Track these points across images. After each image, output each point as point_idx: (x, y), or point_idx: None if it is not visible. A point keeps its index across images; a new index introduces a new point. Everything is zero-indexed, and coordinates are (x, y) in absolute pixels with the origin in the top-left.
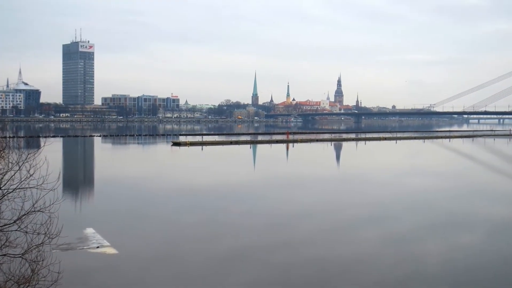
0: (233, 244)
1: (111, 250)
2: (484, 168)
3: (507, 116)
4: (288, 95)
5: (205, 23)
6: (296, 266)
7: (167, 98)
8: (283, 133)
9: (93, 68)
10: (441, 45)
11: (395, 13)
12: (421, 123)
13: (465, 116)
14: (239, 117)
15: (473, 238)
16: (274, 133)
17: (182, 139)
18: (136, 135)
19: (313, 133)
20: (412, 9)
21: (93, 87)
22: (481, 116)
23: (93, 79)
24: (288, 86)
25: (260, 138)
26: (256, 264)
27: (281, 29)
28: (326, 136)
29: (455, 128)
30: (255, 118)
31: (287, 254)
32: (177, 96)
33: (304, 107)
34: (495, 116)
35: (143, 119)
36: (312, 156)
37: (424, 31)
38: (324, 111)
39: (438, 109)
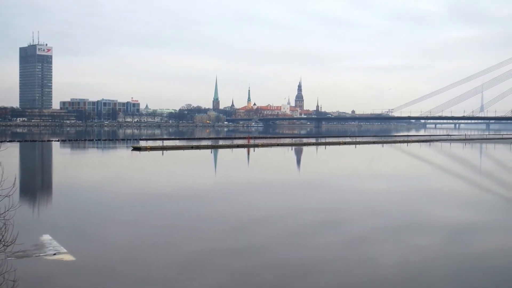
0: (193, 248)
1: (68, 257)
2: (440, 171)
3: (462, 121)
4: (249, 99)
5: (165, 27)
6: (256, 270)
7: (127, 102)
8: (244, 138)
9: (51, 72)
10: (400, 51)
11: (353, 18)
12: (380, 128)
13: (423, 121)
14: (207, 121)
15: (429, 240)
16: (235, 138)
17: (142, 143)
18: (96, 140)
19: (273, 137)
20: (370, 15)
21: (51, 91)
22: (438, 121)
23: (51, 83)
24: (249, 90)
25: (221, 142)
26: (217, 268)
27: (242, 34)
28: (287, 140)
29: (413, 132)
30: (218, 123)
31: (247, 259)
32: (137, 101)
33: (265, 112)
34: (451, 121)
35: (102, 124)
36: (272, 161)
37: (382, 37)
38: (285, 116)
39: (397, 114)
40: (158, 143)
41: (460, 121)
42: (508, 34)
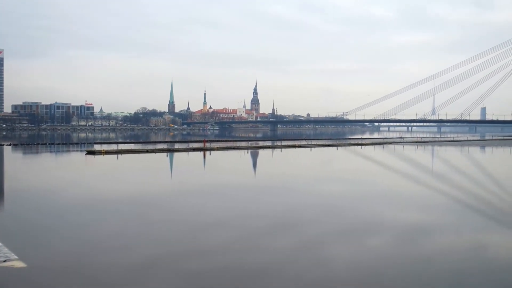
0: (147, 253)
1: (19, 264)
2: (393, 173)
3: (415, 124)
4: (205, 103)
5: (119, 30)
6: (209, 274)
7: (81, 106)
8: (200, 141)
9: (2, 75)
10: (353, 54)
11: (307, 22)
12: (335, 131)
13: (376, 124)
14: (171, 125)
15: (381, 241)
16: (191, 141)
17: (97, 147)
18: (49, 144)
19: (230, 141)
20: (323, 19)
21: (3, 94)
22: (391, 124)
23: (2, 86)
24: (204, 94)
25: (177, 146)
26: (171, 272)
27: (196, 37)
28: (243, 143)
29: (367, 135)
30: (174, 126)
31: (201, 262)
32: (91, 104)
33: (221, 115)
34: (404, 124)
35: (56, 127)
36: (229, 164)
37: (336, 41)
38: (241, 119)
39: (351, 117)
40: (113, 147)
41: (412, 124)
42: (457, 39)
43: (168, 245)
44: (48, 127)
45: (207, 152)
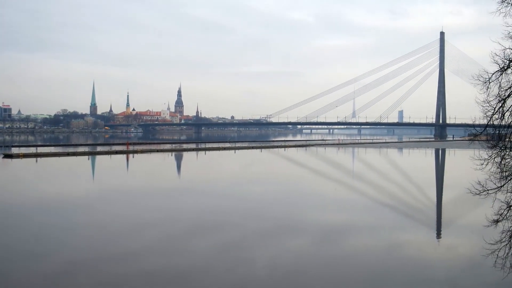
0: (64, 259)
1: None
2: (315, 175)
3: (336, 126)
4: (128, 105)
5: (35, 30)
6: (131, 278)
7: None
8: (123, 144)
9: None
10: (275, 58)
11: (229, 25)
12: (258, 133)
13: (299, 126)
14: (106, 127)
15: (302, 242)
16: (113, 144)
17: (14, 150)
18: None
19: (153, 143)
20: (245, 22)
21: None
22: (313, 126)
23: None
24: (127, 96)
25: (99, 149)
26: (89, 278)
27: (117, 39)
28: (167, 146)
29: (290, 137)
30: (96, 128)
31: (123, 266)
32: (9, 105)
33: (145, 117)
34: (325, 126)
35: None
36: (153, 167)
37: (257, 44)
38: (165, 121)
39: (274, 119)
40: (32, 150)
41: (334, 126)
42: (374, 44)
43: (88, 250)
44: None
45: (131, 155)
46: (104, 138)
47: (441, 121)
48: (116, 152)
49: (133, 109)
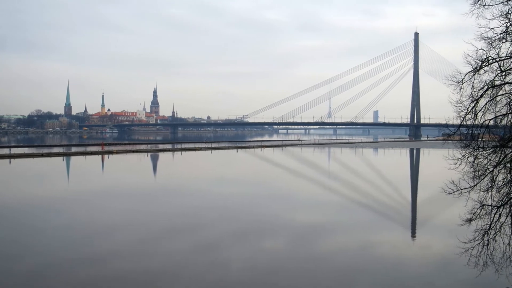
0: (36, 261)
1: None
2: (291, 175)
3: (311, 126)
4: (103, 105)
5: (6, 29)
6: (103, 280)
7: None
8: (98, 145)
9: None
10: (252, 58)
11: (204, 25)
12: (235, 133)
13: (275, 126)
14: (85, 128)
15: (277, 242)
16: (88, 145)
17: None
18: None
19: (129, 144)
20: (220, 22)
21: None
22: (289, 126)
23: None
24: (103, 96)
25: (74, 150)
26: (60, 281)
27: (92, 39)
28: (143, 147)
29: (266, 138)
30: (71, 129)
31: (94, 269)
32: None
33: (120, 118)
34: (301, 126)
35: None
36: (128, 168)
37: (233, 44)
38: (141, 122)
39: (250, 120)
40: (5, 151)
41: (310, 126)
42: (349, 45)
43: (55, 254)
44: None
45: (106, 156)
46: (81, 139)
47: (415, 121)
48: (91, 153)
49: (108, 110)
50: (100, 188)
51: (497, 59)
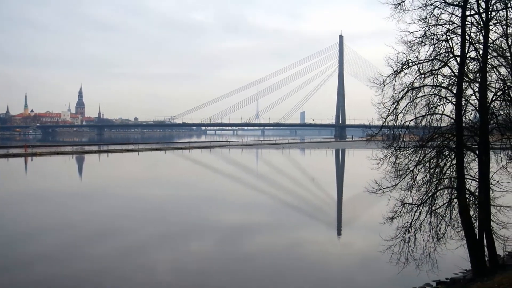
0: None
1: None
2: (220, 176)
3: (240, 127)
4: (26, 106)
5: None
6: (29, 285)
7: None
8: (21, 147)
9: None
10: (178, 59)
11: (128, 26)
12: (162, 135)
13: (203, 128)
14: (18, 129)
15: (205, 244)
16: (10, 147)
17: None
18: None
19: (54, 145)
20: (145, 23)
21: None
22: (218, 127)
23: None
24: (25, 96)
25: None
26: None
27: (13, 38)
28: (68, 148)
29: (194, 139)
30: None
31: (17, 274)
32: None
33: (44, 119)
34: (229, 127)
35: None
36: (52, 170)
37: (159, 45)
38: (66, 123)
39: (178, 121)
40: None
41: (238, 127)
42: (275, 47)
43: None
44: None
45: (29, 158)
46: (3, 140)
47: (341, 122)
48: (14, 155)
49: (32, 110)
50: (24, 191)
51: (417, 62)
